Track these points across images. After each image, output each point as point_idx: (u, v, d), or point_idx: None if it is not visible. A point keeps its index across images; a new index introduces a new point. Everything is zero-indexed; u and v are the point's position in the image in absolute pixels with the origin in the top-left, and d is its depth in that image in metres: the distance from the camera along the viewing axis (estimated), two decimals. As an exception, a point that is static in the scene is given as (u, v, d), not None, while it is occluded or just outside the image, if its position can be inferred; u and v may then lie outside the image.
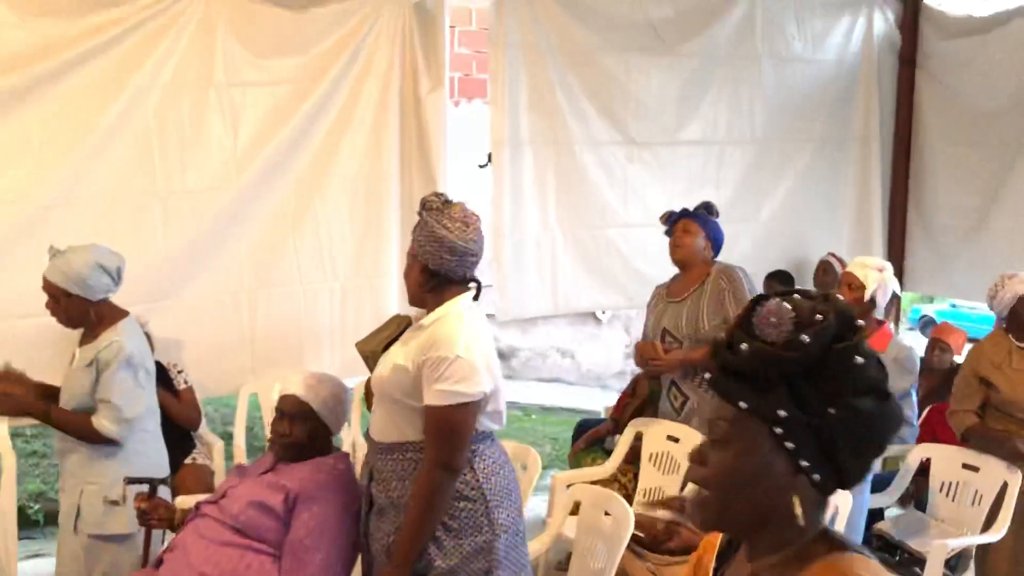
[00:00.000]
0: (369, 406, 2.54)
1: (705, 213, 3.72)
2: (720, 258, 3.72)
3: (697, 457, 1.16)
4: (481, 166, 4.66)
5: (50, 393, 2.90)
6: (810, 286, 5.22)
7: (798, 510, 1.10)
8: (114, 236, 3.61)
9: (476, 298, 2.45)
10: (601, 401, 5.87)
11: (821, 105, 5.22)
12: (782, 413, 1.08)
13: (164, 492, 2.73)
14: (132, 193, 3.86)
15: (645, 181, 4.89)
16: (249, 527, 2.30)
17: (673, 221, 3.72)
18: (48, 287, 2.73)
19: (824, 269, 5.07)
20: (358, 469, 2.61)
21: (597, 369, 8.44)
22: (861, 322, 1.13)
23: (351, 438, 4.00)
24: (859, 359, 1.09)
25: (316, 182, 4.17)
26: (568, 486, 3.44)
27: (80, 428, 2.72)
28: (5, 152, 3.64)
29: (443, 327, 2.32)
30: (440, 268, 2.36)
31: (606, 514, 2.86)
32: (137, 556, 2.68)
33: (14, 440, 3.81)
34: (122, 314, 2.85)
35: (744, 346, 1.10)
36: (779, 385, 1.08)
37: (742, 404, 1.11)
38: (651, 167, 4.91)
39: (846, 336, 1.10)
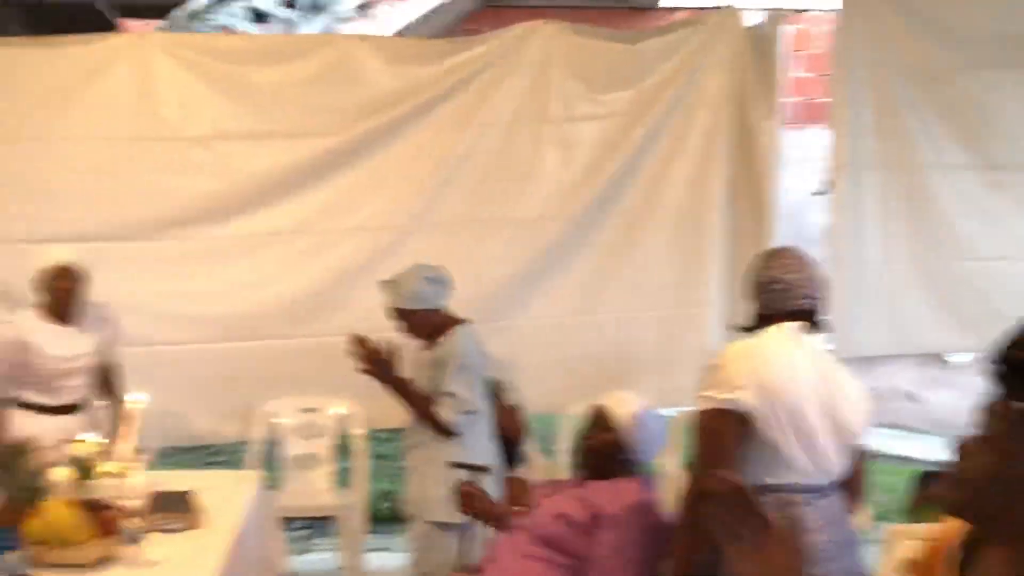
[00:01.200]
0: None
1: None
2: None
3: (961, 450, 1.09)
4: (814, 193, 4.44)
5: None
6: None
7: None
8: (459, 260, 3.94)
9: (815, 330, 2.31)
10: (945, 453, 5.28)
11: None
12: None
13: (488, 483, 2.88)
14: (475, 221, 4.18)
15: (1010, 210, 4.37)
16: (554, 538, 2.36)
17: None
18: (394, 314, 3.03)
19: None
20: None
21: (947, 417, 7.63)
22: None
23: (670, 468, 3.97)
24: None
25: (642, 212, 4.23)
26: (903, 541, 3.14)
27: (425, 409, 2.98)
28: (371, 184, 4.12)
29: None
30: (756, 305, 2.35)
31: None
32: (468, 546, 2.85)
33: (370, 442, 4.26)
34: (461, 321, 3.09)
35: None
36: None
37: (1019, 404, 1.02)
38: (1018, 194, 4.37)
39: None
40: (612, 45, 4.18)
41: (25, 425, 3.17)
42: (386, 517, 4.96)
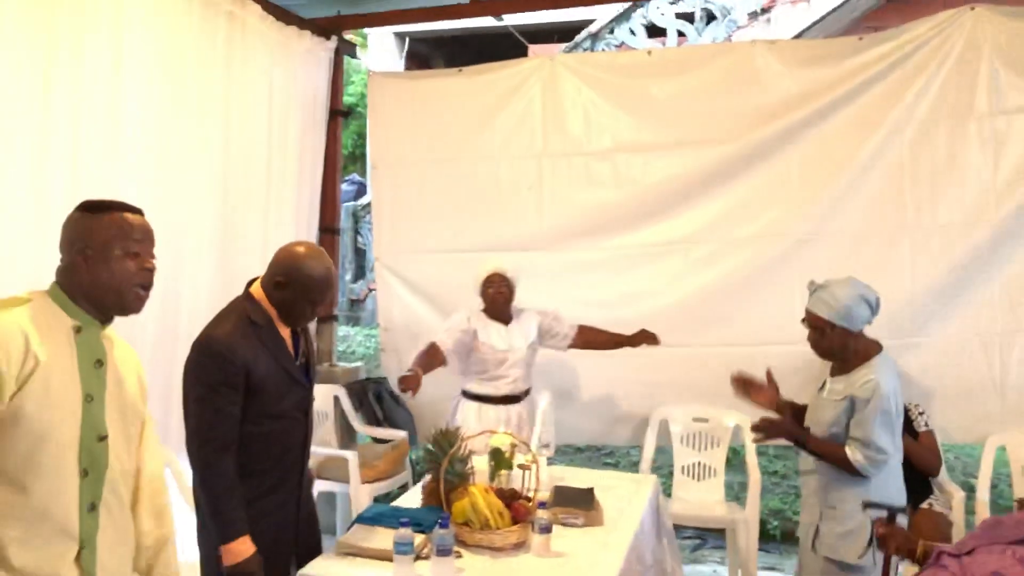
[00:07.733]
0: None
1: None
2: None
3: None
4: None
5: (798, 410, 3.00)
6: None
7: None
8: (862, 270, 3.65)
9: None
10: None
11: None
12: None
13: (902, 522, 2.63)
14: (882, 228, 3.89)
15: None
16: (995, 596, 2.07)
17: None
18: (813, 319, 2.77)
19: None
20: None
21: None
22: None
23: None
24: None
25: (1091, 214, 3.64)
26: None
27: (835, 456, 2.75)
28: (770, 190, 4.01)
29: None
30: None
31: None
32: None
33: (758, 458, 4.13)
34: (876, 348, 2.79)
35: None
36: None
37: None
38: None
39: None
40: (1053, 27, 3.65)
41: (469, 412, 3.62)
42: (775, 536, 4.80)
